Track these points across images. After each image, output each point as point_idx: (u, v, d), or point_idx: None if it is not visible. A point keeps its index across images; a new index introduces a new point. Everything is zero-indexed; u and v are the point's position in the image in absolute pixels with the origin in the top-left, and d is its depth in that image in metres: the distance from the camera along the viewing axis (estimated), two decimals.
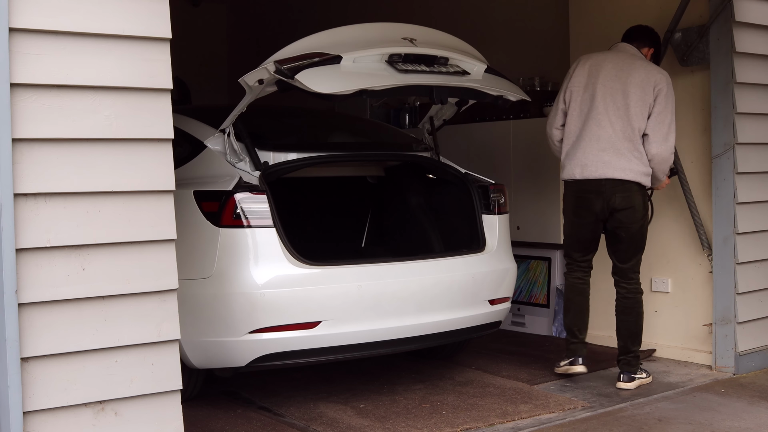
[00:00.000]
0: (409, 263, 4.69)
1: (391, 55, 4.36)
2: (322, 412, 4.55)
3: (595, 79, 4.93)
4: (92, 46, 2.97)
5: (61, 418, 2.91)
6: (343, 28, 4.53)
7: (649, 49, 5.18)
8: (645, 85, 4.85)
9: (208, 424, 4.37)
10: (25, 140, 2.84)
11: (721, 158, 5.30)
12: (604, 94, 4.89)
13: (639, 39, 5.15)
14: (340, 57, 4.20)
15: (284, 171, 4.61)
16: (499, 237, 5.07)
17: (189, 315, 4.11)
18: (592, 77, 4.95)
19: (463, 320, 4.81)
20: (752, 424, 4.35)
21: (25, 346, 2.83)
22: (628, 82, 4.86)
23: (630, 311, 5.04)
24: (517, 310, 6.55)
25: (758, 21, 5.39)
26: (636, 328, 5.05)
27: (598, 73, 4.94)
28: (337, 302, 4.36)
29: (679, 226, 5.65)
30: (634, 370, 5.05)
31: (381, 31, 4.64)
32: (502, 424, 4.35)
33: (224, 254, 4.24)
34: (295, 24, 9.71)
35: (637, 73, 4.88)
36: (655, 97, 4.84)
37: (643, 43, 5.16)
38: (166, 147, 3.13)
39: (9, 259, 2.78)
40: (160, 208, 3.11)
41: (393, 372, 5.35)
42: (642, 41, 5.15)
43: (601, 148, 4.85)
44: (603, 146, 4.85)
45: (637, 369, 5.06)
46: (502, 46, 7.24)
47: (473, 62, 4.65)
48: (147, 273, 3.08)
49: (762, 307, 5.44)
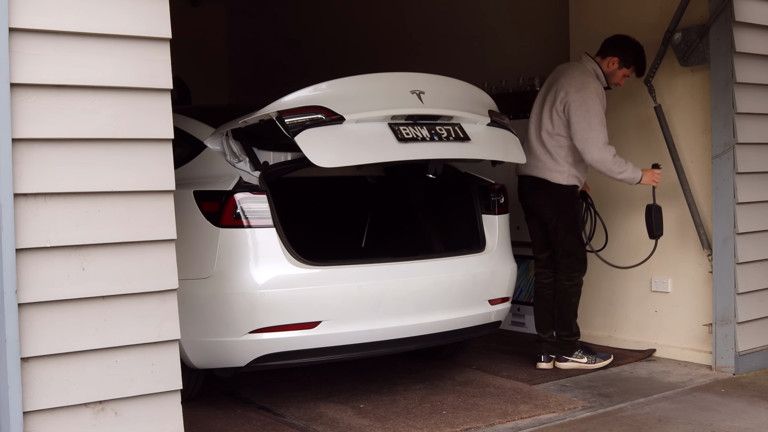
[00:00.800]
0: (409, 263, 4.68)
1: (395, 116, 4.40)
2: (322, 412, 4.55)
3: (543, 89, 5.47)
4: (92, 46, 2.97)
5: (61, 418, 2.91)
6: (352, 79, 4.52)
7: (613, 58, 5.32)
8: (558, 93, 5.23)
9: (208, 424, 4.37)
10: (25, 140, 2.84)
11: (721, 158, 5.30)
12: (537, 99, 5.44)
13: (602, 49, 5.39)
14: (343, 118, 4.21)
15: (284, 171, 4.60)
16: (499, 237, 5.07)
17: (189, 315, 4.11)
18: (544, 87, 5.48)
19: (463, 320, 4.81)
20: (752, 424, 4.35)
21: (25, 346, 2.83)
22: (551, 89, 5.32)
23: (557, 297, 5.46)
24: (517, 310, 6.55)
25: (758, 21, 5.39)
26: (560, 313, 5.43)
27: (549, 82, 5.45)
28: (337, 302, 4.36)
29: (679, 226, 5.65)
30: (566, 352, 5.43)
31: (390, 83, 4.62)
32: (502, 424, 4.35)
33: (224, 254, 4.24)
34: (296, 23, 9.73)
35: (559, 81, 5.28)
36: (564, 106, 5.19)
37: (606, 53, 5.35)
38: (166, 147, 3.13)
39: (9, 259, 2.78)
40: (160, 208, 3.12)
41: (393, 372, 5.36)
42: (605, 51, 5.37)
43: (526, 149, 5.30)
44: (527, 147, 5.33)
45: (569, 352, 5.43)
46: (502, 46, 7.25)
47: (477, 117, 4.71)
48: (147, 273, 3.08)
49: (762, 307, 5.44)
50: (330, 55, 9.20)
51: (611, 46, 5.35)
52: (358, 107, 4.30)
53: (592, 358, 5.42)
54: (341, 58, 9.06)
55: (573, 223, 5.35)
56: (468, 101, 4.79)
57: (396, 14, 8.38)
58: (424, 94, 4.51)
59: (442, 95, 4.66)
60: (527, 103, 6.59)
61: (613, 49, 5.34)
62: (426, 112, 4.49)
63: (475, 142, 4.60)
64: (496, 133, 4.80)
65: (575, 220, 5.36)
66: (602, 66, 5.33)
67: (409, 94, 4.49)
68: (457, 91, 4.83)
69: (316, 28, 9.42)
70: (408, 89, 4.51)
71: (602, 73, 5.32)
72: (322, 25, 9.34)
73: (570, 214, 5.33)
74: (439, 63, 7.82)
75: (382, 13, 8.56)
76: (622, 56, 5.32)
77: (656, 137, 5.70)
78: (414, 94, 4.49)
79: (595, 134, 5.10)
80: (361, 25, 8.81)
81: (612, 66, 5.32)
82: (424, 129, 4.46)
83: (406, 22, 8.25)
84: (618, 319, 5.94)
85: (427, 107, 4.49)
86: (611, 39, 5.38)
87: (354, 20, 8.92)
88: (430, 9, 7.96)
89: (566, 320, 5.42)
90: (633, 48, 5.33)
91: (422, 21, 8.08)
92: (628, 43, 5.34)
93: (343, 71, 9.33)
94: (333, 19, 9.21)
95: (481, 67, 7.36)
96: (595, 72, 5.30)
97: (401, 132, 4.38)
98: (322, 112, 4.21)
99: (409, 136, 4.39)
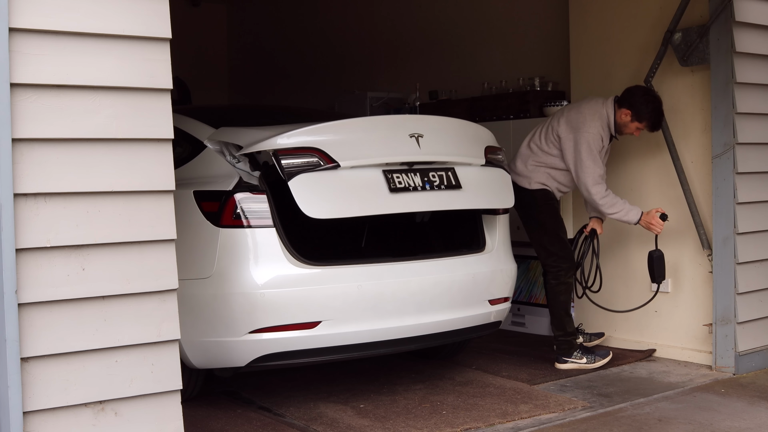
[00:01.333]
0: (409, 263, 4.68)
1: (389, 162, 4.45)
2: (322, 412, 4.55)
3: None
4: (92, 46, 2.97)
5: (61, 418, 2.91)
6: (352, 122, 4.56)
7: (626, 111, 5.33)
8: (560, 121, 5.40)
9: (208, 424, 4.37)
10: (25, 140, 2.84)
11: (721, 158, 5.30)
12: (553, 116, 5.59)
13: (621, 97, 5.40)
14: (339, 165, 4.27)
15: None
16: (499, 237, 5.07)
17: (189, 315, 4.11)
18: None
19: (463, 320, 4.81)
20: (752, 424, 4.35)
21: (25, 346, 2.83)
22: (562, 114, 5.48)
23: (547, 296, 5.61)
24: (517, 310, 6.55)
25: (758, 21, 5.39)
26: (551, 313, 5.54)
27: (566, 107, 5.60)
28: (337, 302, 4.36)
29: (679, 226, 5.65)
30: (564, 353, 5.44)
31: (390, 126, 4.66)
32: (502, 424, 4.35)
33: (224, 254, 4.24)
34: (296, 23, 9.72)
35: (570, 111, 5.42)
36: (558, 137, 5.37)
37: (622, 103, 5.37)
38: (166, 147, 3.13)
39: (9, 259, 2.78)
40: (160, 208, 3.11)
41: (393, 372, 5.36)
42: (622, 101, 5.39)
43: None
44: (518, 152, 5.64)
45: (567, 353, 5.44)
46: (502, 46, 7.25)
47: (472, 159, 4.78)
48: (147, 273, 3.08)
49: (762, 307, 5.44)
50: (330, 55, 9.20)
51: (628, 97, 5.32)
52: (355, 153, 4.37)
53: (591, 357, 5.43)
54: (341, 58, 9.06)
55: (546, 224, 5.48)
56: (466, 142, 4.86)
57: (396, 14, 8.39)
58: (422, 137, 4.58)
59: (441, 137, 4.73)
60: (527, 103, 6.60)
61: (629, 101, 5.31)
62: (421, 159, 4.57)
63: (466, 189, 4.70)
64: (489, 175, 4.90)
65: (548, 220, 5.48)
66: (616, 115, 5.34)
67: (408, 138, 4.55)
68: (455, 132, 4.90)
69: (316, 28, 9.42)
70: (407, 133, 4.56)
71: (613, 121, 5.34)
72: (322, 25, 9.34)
73: (542, 215, 5.48)
74: (440, 63, 7.83)
75: (382, 14, 8.57)
76: (635, 110, 5.30)
77: (656, 137, 5.70)
78: (413, 137, 4.55)
79: (584, 174, 5.26)
80: (361, 25, 8.81)
81: (624, 118, 5.33)
82: (417, 176, 4.55)
83: (406, 22, 8.25)
84: (618, 319, 5.94)
85: (423, 153, 4.56)
86: (631, 90, 5.36)
87: (354, 20, 8.92)
88: (430, 9, 7.96)
89: (557, 319, 5.47)
90: (648, 104, 5.30)
91: (422, 21, 8.08)
92: (645, 97, 5.30)
93: (343, 71, 9.36)
94: (333, 19, 9.21)
95: (482, 67, 7.36)
96: (606, 116, 5.33)
97: (394, 180, 4.46)
98: (319, 155, 4.27)
99: (402, 185, 4.47)
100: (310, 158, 4.25)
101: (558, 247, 5.46)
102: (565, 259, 5.45)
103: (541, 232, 5.49)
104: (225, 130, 4.66)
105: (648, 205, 5.62)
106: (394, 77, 8.32)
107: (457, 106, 7.22)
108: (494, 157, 4.97)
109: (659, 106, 5.33)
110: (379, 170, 4.44)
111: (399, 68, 8.29)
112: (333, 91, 8.74)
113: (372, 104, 8.01)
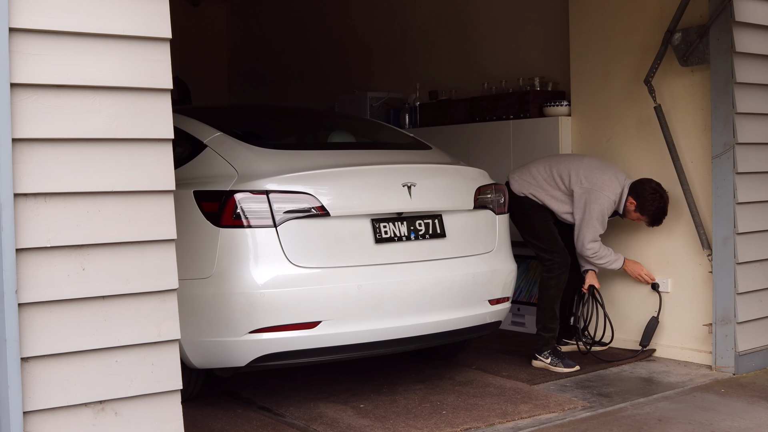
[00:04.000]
0: (409, 263, 4.68)
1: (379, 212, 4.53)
2: (322, 412, 4.55)
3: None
4: (92, 46, 2.97)
5: (61, 418, 2.91)
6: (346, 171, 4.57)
7: (633, 200, 5.46)
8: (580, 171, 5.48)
9: (208, 424, 4.37)
10: (25, 140, 2.84)
11: (721, 158, 5.30)
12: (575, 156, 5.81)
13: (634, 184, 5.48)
14: (329, 214, 4.33)
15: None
16: (499, 237, 5.07)
17: (189, 315, 4.11)
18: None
19: (463, 320, 4.81)
20: (752, 424, 4.35)
21: (25, 346, 2.83)
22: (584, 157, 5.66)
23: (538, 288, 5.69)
24: (517, 310, 6.55)
25: (758, 21, 5.39)
26: (538, 302, 5.62)
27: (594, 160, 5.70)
28: (337, 302, 4.36)
29: (679, 226, 5.65)
30: (537, 349, 5.50)
31: (383, 175, 4.68)
32: (502, 424, 4.35)
33: (224, 254, 4.24)
34: (297, 23, 9.73)
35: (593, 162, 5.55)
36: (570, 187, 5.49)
37: (632, 191, 5.47)
38: (166, 147, 3.13)
39: (9, 259, 2.78)
40: (160, 208, 3.11)
41: (393, 372, 5.36)
42: (633, 189, 5.48)
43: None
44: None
45: (540, 350, 5.49)
46: (502, 46, 7.25)
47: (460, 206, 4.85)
48: (147, 273, 3.08)
49: (762, 307, 5.44)
50: (330, 55, 9.21)
51: (639, 189, 5.44)
52: (346, 203, 4.44)
53: (556, 361, 5.44)
54: (341, 57, 9.06)
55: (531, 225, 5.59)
56: (456, 189, 4.90)
57: (396, 14, 8.38)
58: (414, 186, 4.63)
59: (432, 186, 4.79)
60: (527, 103, 6.60)
61: (638, 191, 5.43)
62: (410, 209, 4.63)
63: (450, 237, 4.78)
64: (476, 220, 4.95)
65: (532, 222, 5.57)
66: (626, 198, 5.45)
67: (400, 187, 4.61)
68: (447, 179, 4.95)
69: (317, 28, 9.42)
70: (400, 182, 4.62)
71: (622, 200, 5.45)
72: (323, 24, 9.34)
73: (526, 217, 5.58)
74: (440, 63, 7.83)
75: (382, 13, 8.56)
76: (640, 203, 5.43)
77: (656, 137, 5.70)
78: (405, 186, 4.61)
79: (587, 230, 5.43)
80: (361, 25, 8.81)
81: (629, 205, 5.46)
82: (404, 225, 4.63)
83: (406, 21, 8.25)
84: (618, 319, 5.94)
85: (413, 203, 4.62)
86: (643, 182, 5.46)
87: (354, 20, 8.92)
88: (430, 9, 7.96)
89: (541, 312, 5.54)
90: (654, 202, 5.41)
91: (422, 21, 8.08)
92: (653, 195, 5.41)
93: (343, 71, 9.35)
94: (333, 18, 9.21)
95: (481, 67, 7.36)
96: (620, 193, 5.43)
97: (380, 230, 4.53)
98: (310, 202, 4.31)
99: (387, 235, 4.55)
100: (302, 204, 4.31)
101: (547, 242, 5.55)
102: (556, 252, 5.52)
103: (529, 234, 5.61)
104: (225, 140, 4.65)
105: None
106: (394, 77, 8.32)
107: (457, 106, 7.22)
108: (484, 197, 5.02)
109: (664, 206, 5.45)
110: (368, 219, 4.51)
111: (399, 68, 8.29)
112: (333, 91, 8.74)
113: (372, 104, 8.01)
